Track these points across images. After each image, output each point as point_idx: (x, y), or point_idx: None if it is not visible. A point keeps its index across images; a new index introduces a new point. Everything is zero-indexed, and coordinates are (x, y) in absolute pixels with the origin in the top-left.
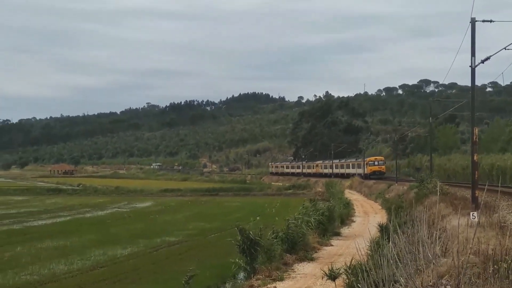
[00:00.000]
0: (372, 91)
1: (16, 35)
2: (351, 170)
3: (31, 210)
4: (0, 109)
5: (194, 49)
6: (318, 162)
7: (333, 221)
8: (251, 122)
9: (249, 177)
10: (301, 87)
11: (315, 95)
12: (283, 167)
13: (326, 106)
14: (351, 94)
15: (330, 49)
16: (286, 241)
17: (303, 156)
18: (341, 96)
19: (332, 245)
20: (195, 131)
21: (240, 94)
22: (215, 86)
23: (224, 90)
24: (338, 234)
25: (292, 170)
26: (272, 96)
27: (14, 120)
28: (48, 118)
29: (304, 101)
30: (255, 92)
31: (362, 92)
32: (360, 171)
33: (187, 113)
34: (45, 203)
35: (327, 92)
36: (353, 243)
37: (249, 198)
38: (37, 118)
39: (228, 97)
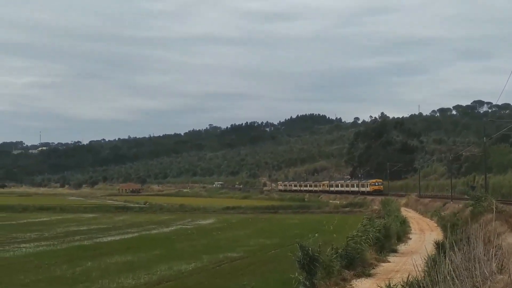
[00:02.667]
0: (426, 111)
1: (86, 62)
2: (355, 189)
3: (101, 227)
4: (72, 132)
5: (254, 72)
6: (324, 182)
7: (390, 238)
8: (309, 142)
9: (307, 195)
10: (357, 109)
11: (370, 116)
12: (291, 185)
13: (381, 127)
14: (406, 115)
15: (384, 71)
16: (344, 257)
17: (359, 175)
18: (396, 116)
19: (389, 262)
20: (255, 151)
21: (298, 115)
22: (274, 108)
23: (283, 112)
24: (395, 250)
25: (300, 188)
26: (329, 117)
27: (85, 141)
28: (117, 139)
29: (360, 121)
30: (312, 114)
31: (416, 113)
32: (364, 189)
33: (247, 134)
34: (113, 220)
35: (382, 113)
36: (410, 259)
37: (307, 216)
38: (106, 140)
39: (287, 118)
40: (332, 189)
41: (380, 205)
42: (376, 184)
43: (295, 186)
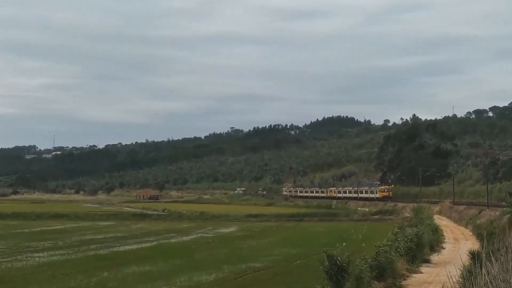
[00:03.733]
0: (461, 113)
1: (102, 63)
2: (364, 195)
3: (117, 235)
4: (87, 135)
5: (278, 73)
6: (332, 188)
7: (422, 247)
8: (336, 146)
9: (334, 202)
10: (387, 110)
11: (401, 118)
12: (297, 191)
13: (413, 129)
14: (439, 117)
15: (415, 71)
16: (375, 268)
17: (389, 181)
18: (428, 119)
19: (422, 273)
20: (279, 155)
21: (324, 118)
22: (299, 110)
23: (308, 114)
24: (427, 261)
25: (306, 194)
26: (357, 119)
27: (101, 145)
28: (134, 143)
29: (390, 124)
30: (340, 116)
31: (450, 115)
32: (373, 195)
33: (271, 138)
34: (131, 228)
35: (414, 115)
36: (444, 270)
37: (334, 224)
38: (123, 144)
39: (313, 121)
40: (339, 195)
41: (412, 212)
42: (385, 190)
43: (301, 192)
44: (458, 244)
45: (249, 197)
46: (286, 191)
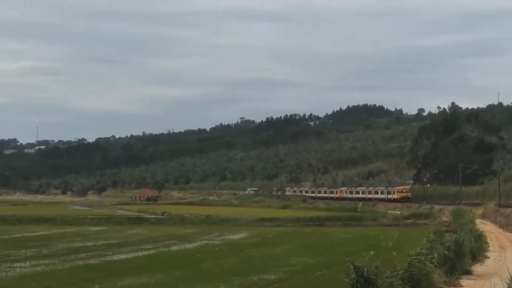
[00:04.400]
0: (507, 101)
1: (92, 44)
2: (380, 196)
3: (110, 242)
4: (75, 127)
5: (295, 55)
6: (342, 188)
7: (462, 256)
8: (362, 139)
9: (360, 204)
10: (422, 98)
11: (438, 107)
12: (301, 191)
13: (451, 120)
14: (482, 105)
15: (454, 52)
16: (407, 280)
17: (425, 180)
18: (469, 107)
19: (462, 286)
20: (297, 150)
21: (348, 106)
22: (320, 98)
23: (330, 102)
24: (468, 272)
25: (313, 194)
26: (387, 108)
27: (91, 139)
28: (129, 136)
29: (425, 113)
30: (366, 104)
31: (495, 103)
32: (390, 196)
33: (287, 129)
34: (125, 234)
35: (452, 103)
36: (488, 283)
37: (360, 229)
38: (116, 137)
39: (335, 110)
40: (351, 196)
41: (450, 216)
42: (404, 191)
43: (306, 192)
44: (504, 253)
45: (261, 199)
46: (289, 192)
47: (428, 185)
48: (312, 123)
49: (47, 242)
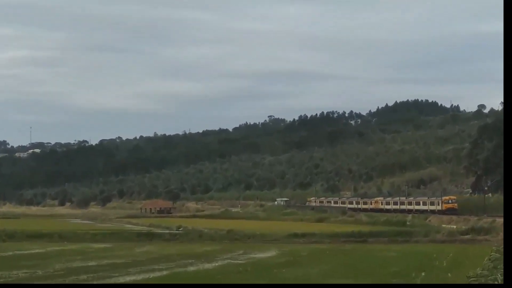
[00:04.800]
0: None
1: (96, 30)
2: (421, 207)
3: (116, 262)
4: (75, 128)
5: (333, 42)
6: (378, 198)
7: None
8: (412, 141)
9: (409, 217)
10: (483, 92)
11: (501, 103)
12: (322, 202)
13: None
14: None
15: None
16: None
17: (485, 188)
18: None
19: None
20: (335, 153)
21: (396, 102)
22: (362, 93)
23: (374, 98)
24: None
25: (343, 205)
26: (441, 104)
27: (94, 141)
28: (138, 138)
29: (486, 111)
30: (417, 100)
31: None
32: (433, 207)
33: (323, 129)
34: (133, 253)
35: None
36: None
37: (410, 246)
38: (123, 139)
39: (380, 107)
40: (388, 207)
41: None
42: (450, 201)
43: (336, 203)
44: None
45: (293, 210)
46: (313, 202)
47: (490, 194)
48: (353, 122)
49: (43, 261)
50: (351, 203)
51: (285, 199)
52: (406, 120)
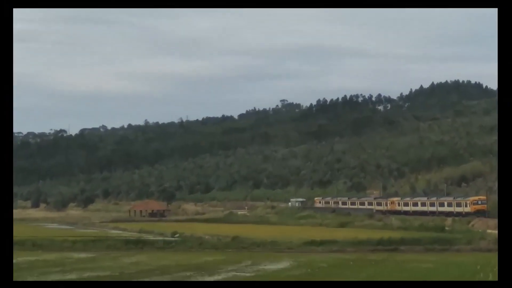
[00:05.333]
0: None
1: None
2: (446, 208)
3: (100, 275)
4: (50, 115)
5: (356, 13)
6: (395, 199)
7: None
8: (452, 130)
9: (449, 221)
10: None
11: None
12: (329, 202)
13: None
14: None
15: None
16: None
17: None
18: None
19: None
20: (360, 145)
21: (433, 83)
22: (392, 72)
23: (407, 78)
24: None
25: (353, 206)
26: (486, 86)
27: (73, 130)
28: (126, 126)
29: None
30: (457, 81)
31: None
32: (460, 209)
33: (346, 117)
34: (121, 264)
35: None
36: None
37: (449, 256)
38: (108, 128)
39: (413, 89)
40: (406, 209)
41: None
42: (479, 202)
43: (344, 203)
44: None
45: (311, 213)
46: (319, 202)
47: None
48: (381, 108)
49: (14, 274)
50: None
51: (301, 199)
52: (445, 105)
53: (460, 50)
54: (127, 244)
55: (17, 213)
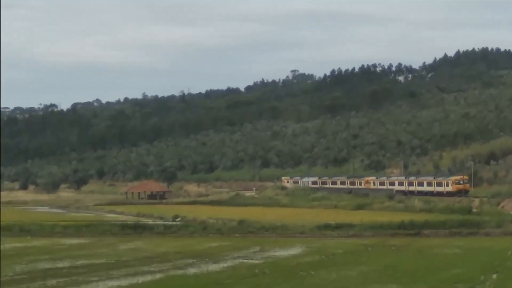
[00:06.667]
0: None
1: None
2: (425, 188)
3: (94, 263)
4: (39, 88)
5: None
6: (370, 178)
7: None
8: (479, 103)
9: (476, 202)
10: None
11: None
12: (297, 182)
13: None
14: None
15: None
16: None
17: None
18: None
19: None
20: (378, 119)
21: (458, 52)
22: (414, 39)
23: (430, 46)
24: None
25: (325, 186)
26: None
27: (64, 105)
28: (122, 100)
29: None
30: (486, 48)
31: None
32: (440, 188)
33: (363, 89)
34: (117, 250)
35: None
36: None
37: (477, 240)
38: (103, 102)
39: (437, 58)
40: (382, 187)
41: None
42: (461, 182)
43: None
44: None
45: (324, 194)
46: (286, 182)
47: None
48: (402, 79)
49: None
50: (334, 183)
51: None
52: (472, 76)
53: (488, 14)
54: (124, 229)
55: (3, 195)
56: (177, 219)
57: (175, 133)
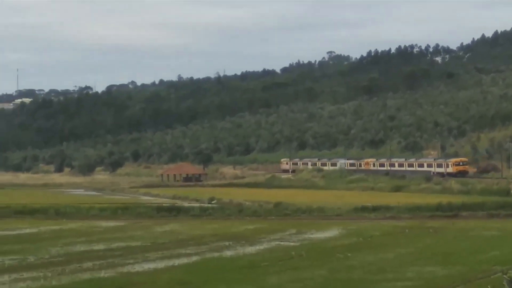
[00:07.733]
0: None
1: None
2: (425, 169)
3: (130, 245)
4: (75, 70)
5: None
6: (370, 160)
7: None
8: None
9: None
10: None
11: None
12: (297, 163)
13: None
14: None
15: None
16: None
17: None
18: None
19: None
20: (415, 100)
21: (497, 32)
22: (452, 20)
23: (468, 27)
24: None
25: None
26: None
27: (99, 87)
28: (157, 83)
29: None
30: None
31: None
32: (441, 170)
33: (400, 70)
34: (153, 233)
35: None
36: None
37: None
38: (138, 84)
39: (476, 39)
40: (382, 169)
41: None
42: (461, 163)
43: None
44: None
45: (361, 176)
46: (285, 163)
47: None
48: (439, 59)
49: (35, 244)
50: (333, 165)
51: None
52: (510, 56)
53: None
54: (160, 211)
55: (38, 178)
56: (212, 202)
57: (210, 115)
